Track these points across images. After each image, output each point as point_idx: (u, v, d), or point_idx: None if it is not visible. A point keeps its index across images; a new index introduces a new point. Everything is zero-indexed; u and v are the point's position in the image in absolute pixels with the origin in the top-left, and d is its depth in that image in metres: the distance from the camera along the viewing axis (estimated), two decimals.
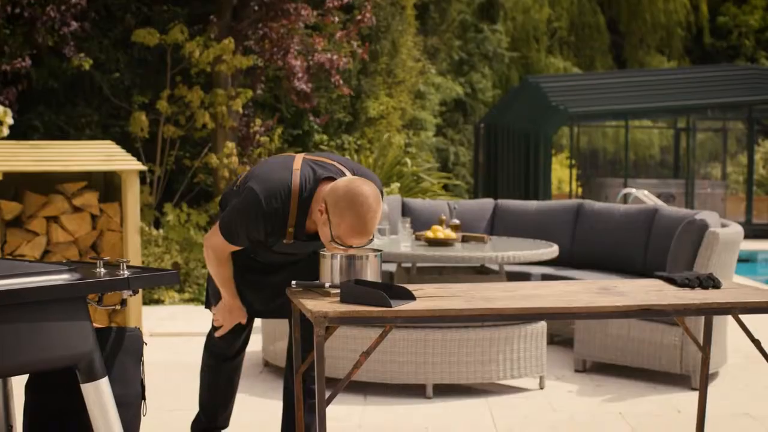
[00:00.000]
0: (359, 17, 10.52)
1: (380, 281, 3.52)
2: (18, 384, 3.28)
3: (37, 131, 9.87)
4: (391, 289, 3.36)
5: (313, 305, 3.24)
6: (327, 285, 3.47)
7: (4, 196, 6.46)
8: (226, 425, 4.32)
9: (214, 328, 4.05)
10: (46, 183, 6.65)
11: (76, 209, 6.65)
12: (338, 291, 3.38)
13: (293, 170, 3.64)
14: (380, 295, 3.22)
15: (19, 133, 7.86)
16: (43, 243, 6.55)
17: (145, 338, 6.61)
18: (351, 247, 3.52)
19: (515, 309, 3.23)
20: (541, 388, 5.65)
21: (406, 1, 14.06)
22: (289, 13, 9.80)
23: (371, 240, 3.54)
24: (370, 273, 3.52)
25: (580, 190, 19.41)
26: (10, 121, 7.53)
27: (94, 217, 6.72)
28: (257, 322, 5.63)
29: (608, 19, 25.91)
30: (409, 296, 3.35)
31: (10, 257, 6.29)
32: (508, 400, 5.42)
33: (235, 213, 3.64)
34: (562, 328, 6.73)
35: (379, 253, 3.59)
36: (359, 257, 3.51)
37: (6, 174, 6.26)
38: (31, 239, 6.51)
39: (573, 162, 18.69)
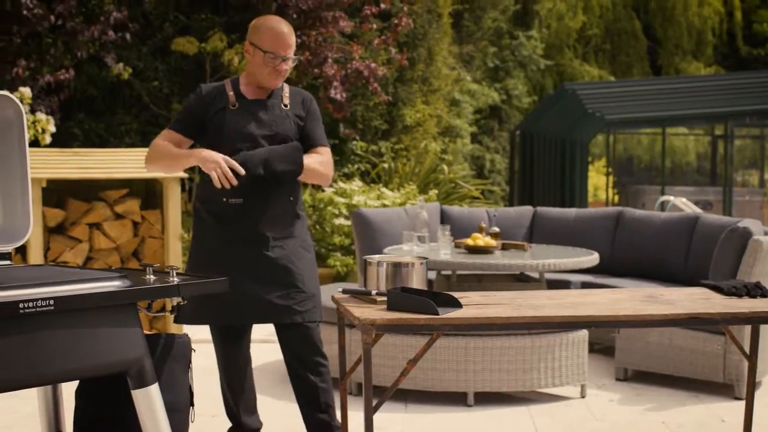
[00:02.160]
0: (396, 22, 10.53)
1: (426, 288, 3.52)
2: (68, 390, 3.31)
3: (77, 139, 9.96)
4: (437, 296, 3.37)
5: (360, 313, 3.25)
6: (373, 292, 3.48)
7: (48, 204, 6.52)
8: (255, 426, 4.37)
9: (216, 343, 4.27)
10: (89, 190, 6.71)
11: (118, 216, 6.70)
12: (385, 298, 3.39)
13: None
14: (427, 302, 3.22)
15: (59, 140, 7.95)
16: (86, 250, 6.60)
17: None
18: (285, 58, 3.97)
19: (563, 317, 3.23)
20: (583, 396, 5.63)
21: (442, 8, 14.07)
22: (327, 21, 9.84)
23: (293, 49, 4.02)
24: (416, 280, 3.53)
25: (616, 197, 19.31)
26: (52, 129, 7.61)
27: (135, 224, 6.77)
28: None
29: (644, 26, 25.77)
30: (456, 304, 3.35)
31: (53, 263, 6.36)
32: (549, 409, 5.40)
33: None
34: (602, 337, 6.70)
35: (425, 260, 3.60)
36: (405, 265, 3.53)
37: (50, 181, 6.32)
38: (74, 246, 6.57)
39: (609, 169, 18.59)
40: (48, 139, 7.60)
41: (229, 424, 4.43)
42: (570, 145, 16.17)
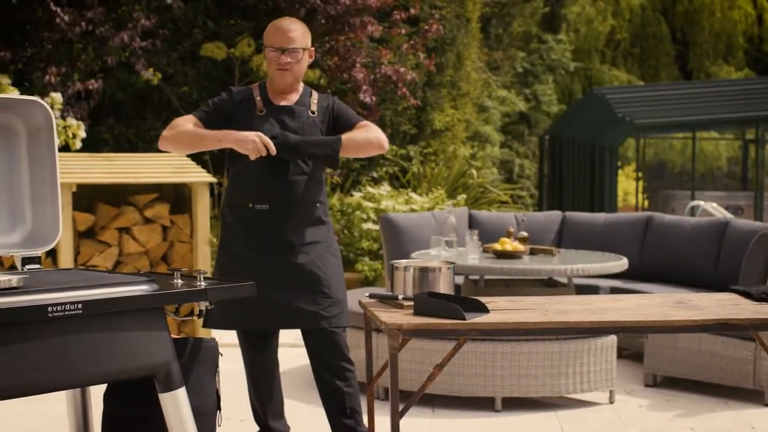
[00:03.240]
0: (426, 28, 10.53)
1: (453, 293, 3.52)
2: (96, 393, 3.33)
3: (107, 144, 10.03)
4: (464, 301, 3.36)
5: (387, 317, 3.25)
6: (400, 297, 3.48)
7: (78, 208, 6.56)
8: (282, 430, 4.39)
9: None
10: (118, 195, 6.75)
11: (148, 221, 6.74)
12: (411, 303, 3.39)
13: None
14: (454, 307, 3.22)
15: (89, 145, 8.01)
16: (115, 254, 6.64)
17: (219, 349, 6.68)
18: (284, 50, 3.97)
19: (591, 322, 3.22)
20: (611, 402, 5.60)
21: (471, 13, 14.06)
22: (356, 26, 9.85)
23: (295, 42, 4.01)
24: (443, 285, 3.53)
25: (646, 202, 19.20)
26: (82, 134, 7.67)
27: (164, 229, 6.80)
28: None
29: (672, 30, 25.63)
30: (483, 309, 3.35)
31: (83, 267, 6.40)
32: (577, 414, 5.38)
33: None
34: (631, 342, 6.66)
35: (452, 265, 3.60)
36: (432, 269, 3.52)
37: (80, 186, 6.36)
38: (104, 250, 6.61)
39: (639, 174, 18.50)
40: (78, 144, 7.66)
41: (257, 429, 4.44)
42: (599, 149, 16.11)
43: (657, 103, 16.99)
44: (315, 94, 4.20)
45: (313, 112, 4.12)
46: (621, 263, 6.24)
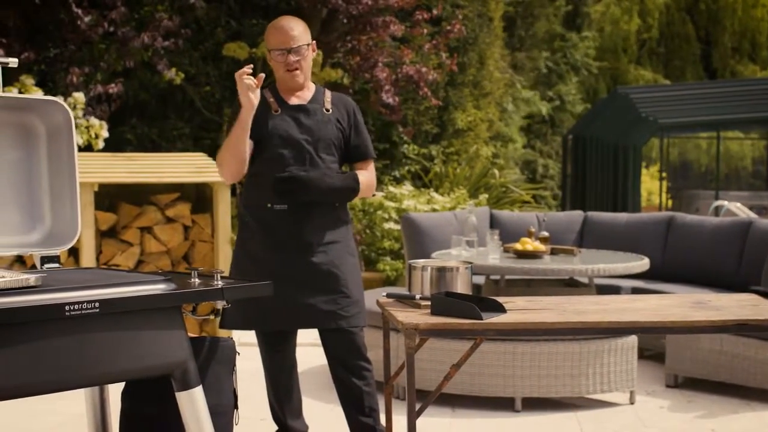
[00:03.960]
0: (448, 28, 10.53)
1: (471, 293, 3.51)
2: (115, 392, 3.34)
3: (130, 144, 10.07)
4: (482, 301, 3.35)
5: (403, 317, 3.25)
6: (417, 296, 3.48)
7: (100, 207, 6.60)
8: (301, 429, 4.39)
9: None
10: (140, 194, 6.78)
11: (169, 220, 6.77)
12: (429, 303, 3.38)
13: None
14: (471, 307, 3.21)
15: (112, 145, 8.05)
16: (137, 253, 6.67)
17: (237, 347, 6.69)
18: (289, 50, 4.00)
19: (608, 323, 3.20)
20: (632, 403, 5.58)
21: (493, 12, 14.03)
22: (377, 26, 9.86)
23: (298, 40, 4.02)
24: (461, 285, 3.52)
25: (670, 202, 19.11)
26: (105, 134, 7.71)
27: (186, 228, 6.83)
28: None
29: (697, 29, 25.48)
30: (500, 309, 3.34)
31: (105, 267, 6.44)
32: (597, 415, 5.36)
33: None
34: (653, 343, 6.63)
35: (470, 265, 3.59)
36: (450, 269, 3.52)
37: (102, 185, 6.40)
38: (126, 249, 6.64)
39: (663, 174, 18.41)
40: (101, 144, 7.70)
41: (276, 428, 4.45)
42: (623, 149, 16.04)
43: (681, 102, 16.89)
44: (328, 93, 4.21)
45: (327, 110, 4.12)
46: (642, 263, 6.21)
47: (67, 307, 2.62)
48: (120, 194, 6.74)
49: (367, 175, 4.21)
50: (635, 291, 6.83)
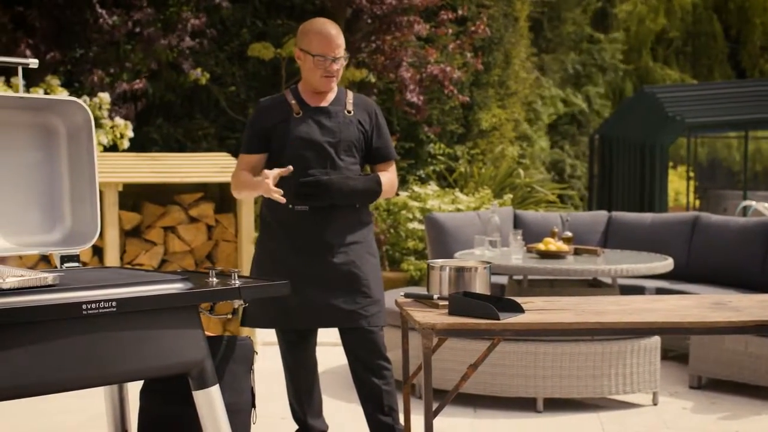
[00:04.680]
0: (473, 28, 10.52)
1: (489, 293, 3.51)
2: (134, 391, 3.36)
3: (156, 144, 10.12)
4: (500, 301, 3.35)
5: (421, 317, 3.25)
6: (435, 296, 3.48)
7: (124, 207, 6.63)
8: (321, 428, 4.40)
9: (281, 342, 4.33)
10: (164, 194, 6.81)
11: (193, 220, 6.80)
12: (446, 303, 3.38)
13: None
14: (488, 307, 3.21)
15: (138, 145, 8.10)
16: (161, 252, 6.70)
17: (258, 347, 6.72)
18: (334, 59, 4.01)
19: (625, 323, 3.19)
20: (655, 404, 5.55)
21: (519, 12, 14.00)
22: (402, 26, 9.86)
23: (342, 48, 4.04)
24: (479, 285, 3.52)
25: (697, 202, 18.99)
26: (130, 134, 7.75)
27: (209, 228, 6.86)
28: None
29: (725, 27, 25.29)
30: (518, 309, 3.33)
31: (129, 266, 6.48)
32: (620, 416, 5.33)
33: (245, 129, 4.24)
34: (677, 344, 6.60)
35: (488, 265, 3.58)
36: (468, 269, 3.52)
37: (126, 185, 6.43)
38: (149, 249, 6.68)
39: (691, 174, 18.29)
40: (126, 144, 7.74)
41: (296, 427, 4.46)
42: (649, 149, 15.95)
43: (708, 101, 16.77)
44: (350, 94, 4.22)
45: (349, 112, 4.13)
46: (666, 263, 6.18)
47: (84, 306, 2.64)
48: (144, 194, 6.78)
49: (388, 176, 4.22)
50: (659, 291, 6.79)
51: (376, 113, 4.22)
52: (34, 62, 3.30)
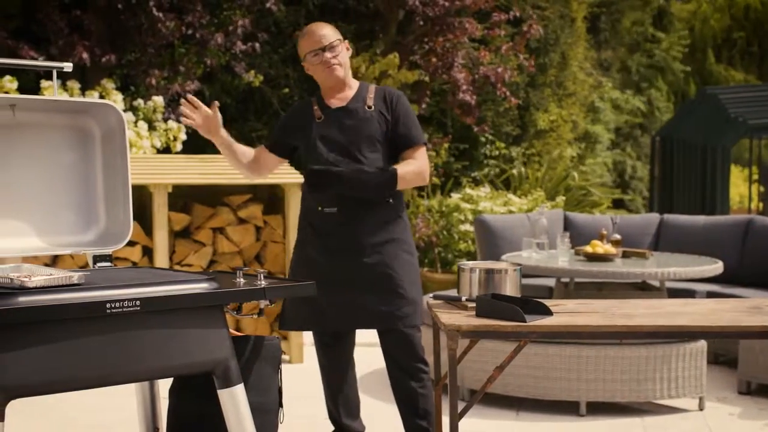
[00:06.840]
0: (526, 29, 10.47)
1: (519, 296, 3.49)
2: (165, 389, 3.41)
3: (209, 145, 10.21)
4: (527, 303, 3.33)
5: (447, 318, 3.24)
6: (464, 298, 3.48)
7: (174, 208, 6.71)
8: (358, 430, 4.41)
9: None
10: (213, 195, 6.88)
11: (241, 221, 6.85)
12: (474, 304, 3.37)
13: None
14: (515, 309, 3.20)
15: (192, 147, 8.17)
16: (210, 253, 6.77)
17: (305, 347, 6.75)
18: (323, 48, 4.08)
19: (652, 327, 3.15)
20: (701, 409, 5.47)
21: (576, 13, 13.89)
22: (454, 27, 9.84)
23: (327, 36, 4.12)
24: (509, 287, 3.50)
25: (760, 205, 18.67)
26: (183, 137, 7.84)
27: (258, 229, 6.91)
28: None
29: None
30: (546, 311, 3.31)
31: (178, 267, 6.56)
32: (664, 421, 5.27)
33: None
34: (726, 348, 6.49)
35: (518, 267, 3.56)
36: (498, 271, 3.50)
37: (175, 186, 6.51)
38: (198, 249, 6.74)
39: (754, 176, 17.99)
40: (179, 147, 7.82)
41: (332, 428, 4.48)
42: (711, 150, 15.74)
43: None
44: (372, 88, 4.22)
45: (369, 107, 4.13)
46: (715, 267, 6.09)
47: (108, 305, 2.68)
48: (193, 195, 6.85)
49: (414, 163, 4.12)
50: (710, 295, 6.70)
51: (393, 99, 4.16)
52: (68, 66, 3.35)
